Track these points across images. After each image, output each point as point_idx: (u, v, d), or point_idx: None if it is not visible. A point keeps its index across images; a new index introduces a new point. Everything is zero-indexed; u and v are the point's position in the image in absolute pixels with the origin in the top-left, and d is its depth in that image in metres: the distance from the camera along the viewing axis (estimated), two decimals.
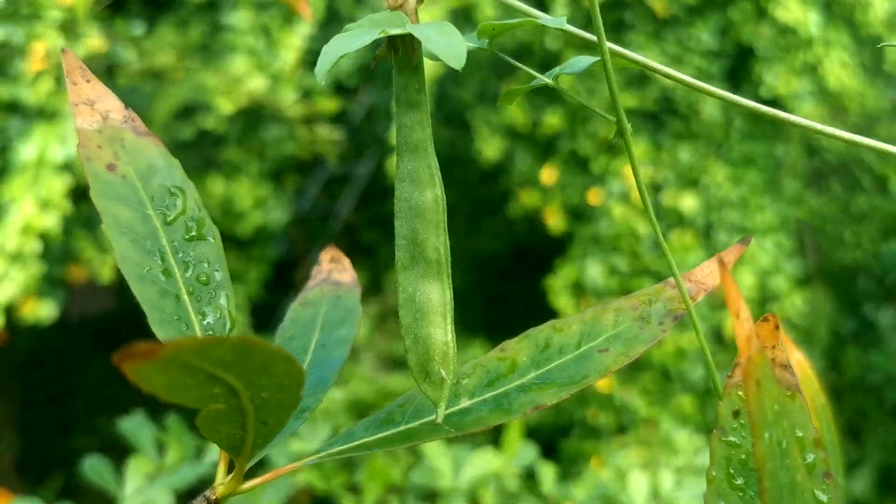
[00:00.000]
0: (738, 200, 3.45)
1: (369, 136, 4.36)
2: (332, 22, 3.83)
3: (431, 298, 0.41)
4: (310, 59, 3.69)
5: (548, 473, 1.24)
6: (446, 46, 0.38)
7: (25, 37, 2.79)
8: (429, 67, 3.06)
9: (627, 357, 0.45)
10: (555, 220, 3.51)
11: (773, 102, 3.48)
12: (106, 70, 2.53)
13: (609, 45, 0.40)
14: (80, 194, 3.22)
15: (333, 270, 0.56)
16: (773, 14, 3.36)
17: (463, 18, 3.73)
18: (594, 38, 0.40)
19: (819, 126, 0.42)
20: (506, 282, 4.47)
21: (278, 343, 0.51)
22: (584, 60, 0.41)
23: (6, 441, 4.27)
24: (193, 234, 0.45)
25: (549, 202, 3.56)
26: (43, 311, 3.18)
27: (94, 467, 1.11)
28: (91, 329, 4.38)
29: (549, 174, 3.56)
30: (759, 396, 0.32)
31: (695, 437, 2.61)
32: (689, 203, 3.36)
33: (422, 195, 0.41)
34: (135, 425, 1.14)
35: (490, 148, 3.63)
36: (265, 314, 4.29)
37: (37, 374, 4.45)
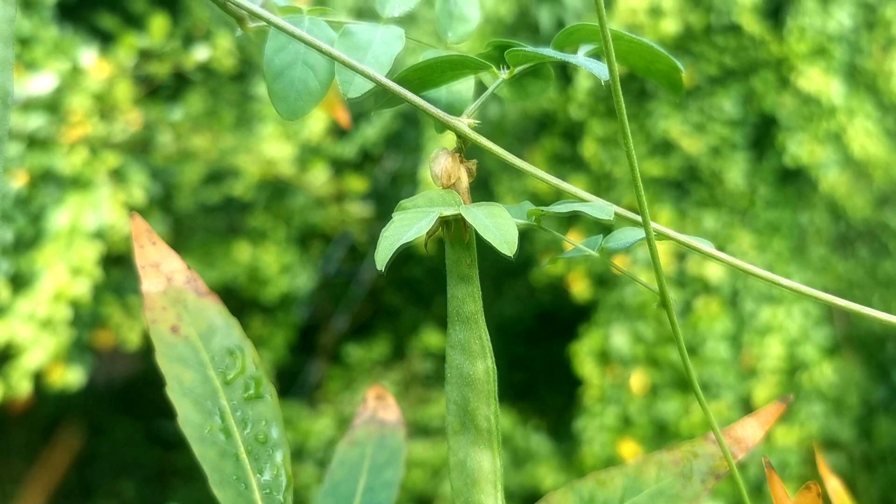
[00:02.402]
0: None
1: (393, 201, 4.40)
2: None
3: (482, 466, 0.43)
4: (336, 128, 3.76)
5: None
6: (497, 231, 0.40)
7: (63, 113, 2.87)
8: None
9: None
10: (580, 287, 3.51)
11: (798, 171, 3.50)
12: (141, 149, 2.59)
13: (654, 225, 0.42)
14: (110, 261, 3.27)
15: (378, 408, 0.57)
16: (795, 83, 3.39)
17: (479, 84, 3.78)
18: (637, 216, 0.42)
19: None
20: (529, 346, 4.46)
21: (327, 487, 0.52)
22: (631, 235, 0.43)
23: (31, 503, 4.27)
24: (251, 392, 0.47)
25: (574, 268, 3.57)
26: (71, 376, 3.21)
27: None
28: (116, 393, 4.41)
29: (573, 240, 3.57)
30: None
31: None
32: (714, 271, 3.36)
33: (473, 366, 0.43)
34: None
35: None
36: (291, 378, 4.30)
37: (61, 436, 4.47)
